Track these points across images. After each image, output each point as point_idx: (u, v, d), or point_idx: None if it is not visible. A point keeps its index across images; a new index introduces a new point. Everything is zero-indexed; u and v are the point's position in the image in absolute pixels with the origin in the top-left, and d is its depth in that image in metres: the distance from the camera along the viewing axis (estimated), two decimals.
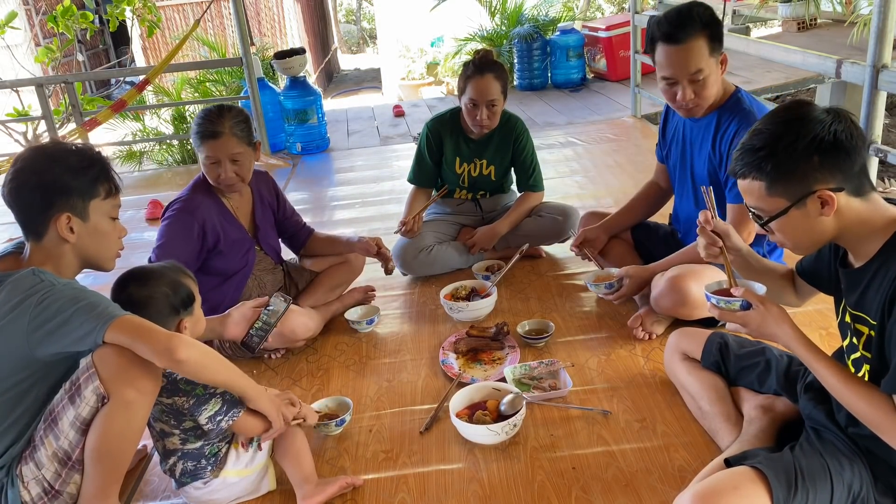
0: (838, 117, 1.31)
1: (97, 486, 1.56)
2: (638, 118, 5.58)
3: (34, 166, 1.56)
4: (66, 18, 5.53)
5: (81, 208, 1.58)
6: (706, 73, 2.13)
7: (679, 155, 2.44)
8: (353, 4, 20.33)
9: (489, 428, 1.88)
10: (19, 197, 1.55)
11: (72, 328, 1.46)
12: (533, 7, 8.29)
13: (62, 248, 1.58)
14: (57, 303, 1.47)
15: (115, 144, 6.39)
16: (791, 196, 1.34)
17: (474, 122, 2.85)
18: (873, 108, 2.91)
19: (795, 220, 1.36)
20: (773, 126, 1.35)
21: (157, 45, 12.28)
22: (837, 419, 1.49)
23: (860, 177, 1.33)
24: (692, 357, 1.99)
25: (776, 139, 1.33)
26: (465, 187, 3.12)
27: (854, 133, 1.31)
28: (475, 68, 2.80)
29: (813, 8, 7.20)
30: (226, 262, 2.44)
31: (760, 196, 1.37)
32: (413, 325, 2.69)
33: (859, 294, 1.39)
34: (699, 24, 2.09)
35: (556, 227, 3.02)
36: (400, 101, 8.49)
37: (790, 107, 1.38)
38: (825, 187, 1.31)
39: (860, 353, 1.43)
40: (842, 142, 1.29)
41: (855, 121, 1.34)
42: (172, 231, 2.33)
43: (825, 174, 1.31)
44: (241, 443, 1.78)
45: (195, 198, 2.39)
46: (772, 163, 1.33)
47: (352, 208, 4.26)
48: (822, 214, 1.33)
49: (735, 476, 1.38)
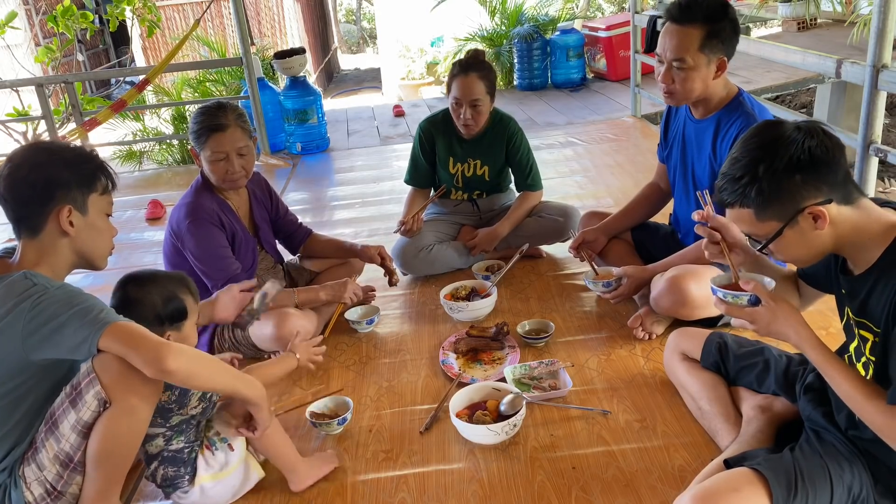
0: (810, 133, 1.32)
1: (98, 488, 1.56)
2: (638, 118, 5.58)
3: (32, 161, 1.55)
4: (66, 18, 5.53)
5: (81, 201, 1.57)
6: (689, 65, 2.12)
7: (680, 156, 2.44)
8: (353, 4, 20.33)
9: (489, 428, 1.88)
10: (18, 191, 1.54)
11: (66, 335, 1.45)
12: (533, 7, 8.29)
13: (59, 244, 1.57)
14: (51, 307, 1.46)
15: (115, 144, 6.38)
16: (782, 217, 1.34)
17: (458, 122, 2.88)
18: (873, 108, 2.91)
19: (792, 239, 1.36)
20: (748, 153, 1.35)
21: (157, 45, 12.28)
22: (837, 420, 1.49)
23: (845, 184, 1.34)
24: (691, 357, 1.99)
25: (755, 165, 1.33)
26: (460, 187, 3.12)
27: (829, 145, 1.31)
28: (460, 67, 2.83)
29: (813, 8, 7.20)
30: (237, 260, 2.42)
31: (752, 222, 1.37)
32: (413, 325, 2.69)
33: (861, 301, 1.38)
34: (702, 15, 2.08)
35: (556, 227, 3.02)
36: (400, 101, 8.48)
37: (760, 131, 1.38)
38: (814, 202, 1.32)
39: (866, 358, 1.42)
40: (819, 157, 1.30)
41: (828, 131, 1.34)
42: (207, 244, 2.30)
43: (811, 190, 1.31)
44: (206, 446, 1.75)
45: (201, 201, 2.35)
46: (755, 189, 1.33)
47: (352, 208, 4.26)
48: (816, 229, 1.33)
49: (735, 478, 1.37)
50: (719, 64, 2.14)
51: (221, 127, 2.28)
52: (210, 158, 2.30)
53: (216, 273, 2.31)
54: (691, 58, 2.11)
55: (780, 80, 5.97)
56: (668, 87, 2.19)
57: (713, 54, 2.12)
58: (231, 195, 2.46)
